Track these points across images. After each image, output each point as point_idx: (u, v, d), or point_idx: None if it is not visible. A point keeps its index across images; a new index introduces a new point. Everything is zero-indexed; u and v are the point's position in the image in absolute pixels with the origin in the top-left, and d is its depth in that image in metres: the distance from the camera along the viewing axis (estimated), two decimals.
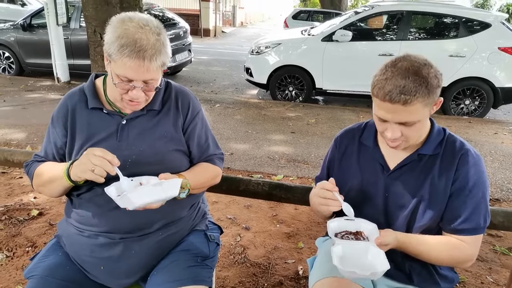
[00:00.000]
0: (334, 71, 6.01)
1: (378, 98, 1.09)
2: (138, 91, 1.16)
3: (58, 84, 6.53)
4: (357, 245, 1.11)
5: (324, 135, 4.65)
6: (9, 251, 2.20)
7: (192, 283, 1.18)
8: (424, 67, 1.07)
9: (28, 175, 1.30)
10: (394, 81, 1.05)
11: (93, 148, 1.10)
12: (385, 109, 1.08)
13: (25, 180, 3.12)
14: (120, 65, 1.12)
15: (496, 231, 2.65)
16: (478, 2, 21.82)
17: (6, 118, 4.66)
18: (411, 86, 1.03)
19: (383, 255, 1.07)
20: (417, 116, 1.08)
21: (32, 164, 1.30)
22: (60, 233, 1.32)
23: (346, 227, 1.18)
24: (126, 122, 1.26)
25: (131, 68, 1.11)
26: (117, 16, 1.16)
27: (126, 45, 1.09)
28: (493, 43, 5.56)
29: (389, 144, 1.17)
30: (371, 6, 6.40)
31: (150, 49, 1.10)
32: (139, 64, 1.10)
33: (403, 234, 1.18)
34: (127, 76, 1.13)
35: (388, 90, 1.05)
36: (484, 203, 1.16)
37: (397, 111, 1.07)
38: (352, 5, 24.39)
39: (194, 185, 1.28)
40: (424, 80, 1.04)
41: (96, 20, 4.82)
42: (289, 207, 2.89)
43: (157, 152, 1.25)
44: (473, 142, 4.57)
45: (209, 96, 6.36)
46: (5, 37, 7.11)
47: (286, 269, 2.20)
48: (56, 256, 1.24)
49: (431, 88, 1.06)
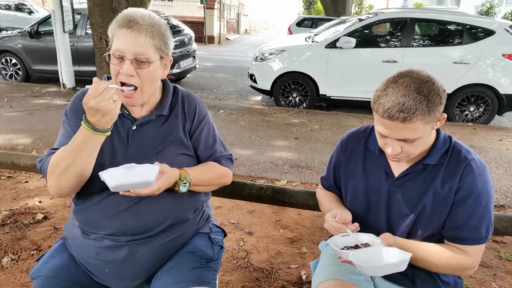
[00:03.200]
0: (338, 78, 6.03)
1: (378, 114, 1.08)
2: (128, 66, 1.15)
3: (64, 90, 6.60)
4: (368, 251, 1.10)
5: (327, 141, 4.65)
6: (14, 254, 2.21)
7: (197, 284, 1.19)
8: (425, 84, 1.04)
9: (41, 167, 1.24)
10: (393, 98, 1.04)
11: (87, 100, 1.04)
12: (385, 125, 1.08)
13: (30, 184, 3.15)
14: (114, 41, 1.16)
15: (501, 237, 2.64)
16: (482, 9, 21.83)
17: (12, 124, 4.71)
18: (411, 104, 1.02)
19: (396, 250, 1.07)
20: (417, 133, 1.06)
21: (47, 157, 1.24)
22: (66, 235, 1.33)
23: (345, 243, 1.16)
24: (136, 128, 1.26)
25: (120, 39, 1.14)
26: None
27: (121, 19, 1.16)
28: (497, 50, 5.57)
29: (390, 159, 1.18)
30: (375, 13, 6.43)
31: (142, 22, 1.15)
32: (128, 35, 1.14)
33: (402, 239, 1.17)
34: (118, 48, 1.15)
35: (387, 107, 1.04)
36: (487, 213, 1.14)
37: (396, 128, 1.06)
38: (356, 12, 24.50)
39: (196, 180, 1.28)
40: (424, 98, 1.02)
41: (102, 27, 4.89)
42: (292, 212, 2.89)
43: (166, 156, 1.26)
44: (478, 149, 4.56)
45: (213, 102, 6.39)
46: (13, 44, 7.20)
47: (289, 274, 2.20)
48: (62, 258, 1.25)
49: (432, 106, 1.03)
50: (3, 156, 2.09)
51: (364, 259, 1.06)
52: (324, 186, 1.50)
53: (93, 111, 1.05)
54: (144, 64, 1.17)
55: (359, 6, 26.43)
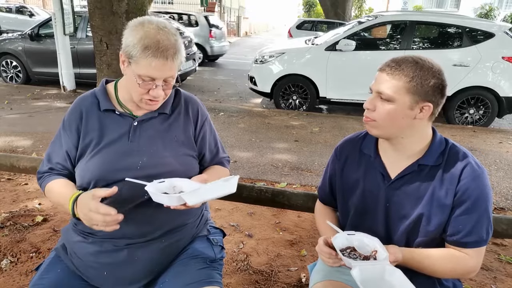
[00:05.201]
0: (337, 80, 6.04)
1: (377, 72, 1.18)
2: (159, 90, 1.19)
3: (64, 92, 6.60)
4: (373, 266, 1.07)
5: (327, 143, 4.65)
6: (13, 256, 2.21)
7: (207, 284, 1.19)
8: (421, 58, 1.12)
9: (41, 186, 1.33)
10: (394, 58, 1.16)
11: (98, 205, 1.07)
12: (376, 79, 1.16)
13: (30, 187, 3.15)
14: (145, 65, 1.15)
15: (501, 240, 2.63)
16: (481, 12, 21.87)
17: (13, 126, 4.71)
18: (404, 64, 1.11)
19: (399, 272, 1.05)
20: (394, 91, 1.10)
21: (44, 177, 1.32)
22: (63, 240, 1.32)
23: (350, 243, 1.15)
24: (137, 124, 1.28)
25: (155, 67, 1.15)
26: (134, 20, 1.20)
27: (150, 46, 1.13)
28: (497, 52, 5.57)
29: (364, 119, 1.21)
30: (375, 16, 6.44)
31: (171, 48, 1.15)
32: (164, 63, 1.15)
33: (407, 249, 1.17)
34: (150, 76, 1.16)
35: (384, 63, 1.16)
36: (486, 216, 1.14)
37: (381, 79, 1.14)
38: (356, 15, 24.55)
39: None
40: (417, 65, 1.10)
41: (103, 30, 4.89)
42: (292, 215, 2.89)
43: (167, 155, 1.26)
44: (477, 151, 4.56)
45: (213, 105, 6.40)
46: (13, 47, 7.21)
47: (289, 276, 2.19)
48: (56, 273, 1.23)
49: (421, 73, 1.09)
50: (3, 158, 2.09)
51: (365, 277, 1.03)
52: (320, 197, 1.49)
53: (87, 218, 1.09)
54: (171, 83, 1.22)
55: (359, 9, 26.48)
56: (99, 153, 1.23)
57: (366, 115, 1.17)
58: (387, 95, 1.11)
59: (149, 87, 1.18)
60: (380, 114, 1.14)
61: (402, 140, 1.18)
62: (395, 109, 1.12)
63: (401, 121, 1.13)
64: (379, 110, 1.14)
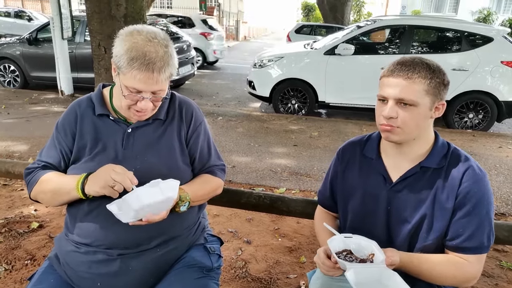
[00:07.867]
0: (336, 85, 6.02)
1: (384, 77, 1.14)
2: (146, 102, 1.17)
3: (62, 97, 6.58)
4: (369, 269, 1.05)
5: (327, 148, 4.63)
6: (8, 264, 2.18)
7: None
8: (433, 62, 1.12)
9: (29, 181, 1.27)
10: (400, 61, 1.14)
11: (113, 165, 1.11)
12: (388, 84, 1.12)
13: (26, 193, 3.11)
14: (130, 78, 1.12)
15: (502, 246, 2.60)
16: (480, 16, 21.96)
17: (9, 130, 4.69)
18: (416, 65, 1.10)
19: (397, 276, 1.03)
20: (415, 95, 1.09)
21: (36, 171, 1.27)
22: (56, 249, 1.30)
23: (346, 246, 1.13)
24: (131, 131, 1.26)
25: (140, 80, 1.12)
26: (126, 29, 1.17)
27: (136, 58, 1.10)
28: (496, 57, 5.57)
29: (383, 128, 1.16)
30: (374, 20, 6.44)
31: (159, 61, 1.12)
32: (149, 77, 1.12)
33: (405, 253, 1.14)
34: (136, 88, 1.14)
35: (394, 65, 1.13)
36: (488, 221, 1.13)
37: (398, 86, 1.10)
38: (355, 19, 24.63)
39: (194, 197, 1.27)
40: (430, 67, 1.11)
41: (101, 34, 4.88)
42: (291, 221, 2.86)
43: (161, 162, 1.25)
44: (477, 156, 4.54)
45: (211, 109, 6.38)
46: (11, 51, 7.19)
47: (288, 284, 2.16)
48: (48, 284, 1.21)
49: (435, 75, 1.10)
50: None
51: (361, 279, 1.00)
52: (320, 200, 1.47)
53: (107, 178, 1.08)
54: (160, 95, 1.19)
55: (358, 13, 26.57)
56: (94, 159, 1.22)
57: (389, 124, 1.13)
58: (411, 100, 1.10)
59: (136, 99, 1.16)
60: (405, 120, 1.12)
61: (413, 142, 1.18)
62: (419, 113, 1.12)
63: (424, 123, 1.15)
64: (403, 116, 1.12)
